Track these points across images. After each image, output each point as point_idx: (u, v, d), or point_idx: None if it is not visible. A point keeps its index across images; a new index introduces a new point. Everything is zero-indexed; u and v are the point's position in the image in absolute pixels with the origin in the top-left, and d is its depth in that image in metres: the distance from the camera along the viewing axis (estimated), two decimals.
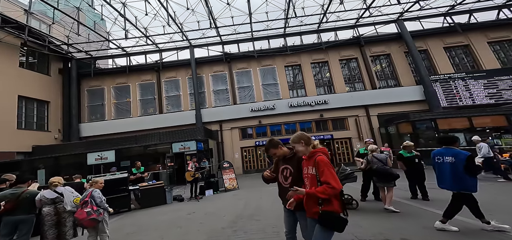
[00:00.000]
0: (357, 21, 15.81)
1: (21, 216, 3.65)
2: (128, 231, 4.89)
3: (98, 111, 15.80)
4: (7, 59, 12.05)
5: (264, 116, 14.76)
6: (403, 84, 14.87)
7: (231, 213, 5.44)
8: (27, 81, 12.93)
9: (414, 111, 13.48)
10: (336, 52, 15.97)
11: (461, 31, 14.89)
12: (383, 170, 4.54)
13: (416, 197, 5.18)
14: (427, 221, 3.84)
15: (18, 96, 12.31)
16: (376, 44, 15.90)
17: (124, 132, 14.38)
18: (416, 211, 4.42)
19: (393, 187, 4.56)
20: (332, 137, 14.47)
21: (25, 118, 12.75)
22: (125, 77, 15.90)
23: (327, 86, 15.92)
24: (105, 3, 11.52)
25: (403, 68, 15.28)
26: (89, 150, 11.51)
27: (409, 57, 15.39)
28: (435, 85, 13.75)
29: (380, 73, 15.90)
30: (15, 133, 11.85)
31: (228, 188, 8.63)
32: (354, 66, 16.16)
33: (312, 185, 1.86)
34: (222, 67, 16.02)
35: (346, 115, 14.71)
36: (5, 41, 11.81)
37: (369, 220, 4.15)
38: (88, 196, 3.66)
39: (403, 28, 15.21)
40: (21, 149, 11.97)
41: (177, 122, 14.69)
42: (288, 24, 15.37)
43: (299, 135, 2.14)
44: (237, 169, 12.64)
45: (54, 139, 13.91)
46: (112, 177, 7.06)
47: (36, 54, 13.85)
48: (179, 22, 13.81)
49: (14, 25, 11.81)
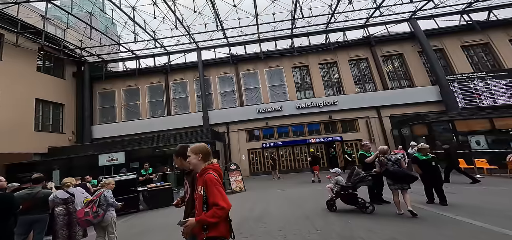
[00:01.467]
0: (367, 21, 15.42)
1: (36, 215, 3.75)
2: (135, 231, 4.92)
3: (109, 113, 16.25)
4: (26, 64, 12.64)
5: (271, 117, 14.64)
6: (417, 85, 14.32)
7: (237, 215, 5.37)
8: (44, 85, 13.49)
9: (429, 112, 12.90)
10: (345, 52, 15.65)
11: (480, 29, 14.17)
12: (401, 172, 4.30)
13: (433, 201, 4.90)
14: (445, 226, 3.61)
15: (35, 99, 12.84)
16: (387, 44, 15.43)
17: (134, 134, 14.66)
18: (433, 216, 4.18)
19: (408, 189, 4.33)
20: (342, 139, 14.13)
21: (41, 120, 13.28)
22: (135, 80, 16.29)
23: (336, 87, 15.59)
24: (116, 7, 11.88)
25: (417, 68, 14.73)
26: (101, 151, 11.79)
27: (423, 57, 14.82)
28: (452, 85, 13.15)
29: (392, 74, 15.40)
30: (33, 135, 12.36)
31: (234, 190, 8.58)
32: (364, 66, 15.75)
33: (199, 207, 1.66)
34: (229, 69, 16.08)
35: (356, 116, 14.34)
36: (24, 46, 12.40)
37: (381, 225, 3.96)
38: (96, 196, 3.70)
39: (416, 27, 14.67)
40: (38, 150, 12.45)
41: (184, 124, 14.84)
42: (295, 25, 15.23)
43: (199, 147, 1.84)
44: (244, 171, 12.57)
45: (68, 140, 14.40)
46: (122, 178, 7.18)
47: (52, 59, 14.44)
48: (187, 25, 14.00)
49: (32, 31, 12.38)
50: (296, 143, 14.43)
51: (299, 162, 14.29)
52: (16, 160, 11.04)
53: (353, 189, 4.72)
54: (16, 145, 11.35)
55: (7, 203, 2.92)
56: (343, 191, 4.80)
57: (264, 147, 14.53)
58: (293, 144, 14.47)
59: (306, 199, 6.38)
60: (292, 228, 4.13)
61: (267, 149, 14.47)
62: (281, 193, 7.82)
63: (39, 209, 3.75)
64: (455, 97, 12.89)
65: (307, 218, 4.64)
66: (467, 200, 4.96)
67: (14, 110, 11.55)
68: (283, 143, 14.47)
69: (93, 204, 3.57)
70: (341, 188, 4.83)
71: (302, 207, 5.54)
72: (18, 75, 12.06)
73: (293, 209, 5.45)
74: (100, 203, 3.62)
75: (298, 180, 10.41)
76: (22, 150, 11.59)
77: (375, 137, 13.68)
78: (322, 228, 3.99)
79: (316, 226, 4.11)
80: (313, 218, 4.59)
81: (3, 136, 10.91)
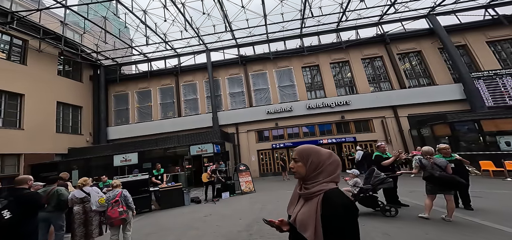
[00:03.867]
0: (381, 18, 14.86)
1: (50, 212, 3.99)
2: (148, 231, 4.99)
3: (123, 115, 16.83)
4: (48, 68, 13.37)
5: (281, 118, 14.47)
6: (438, 83, 13.56)
7: (247, 216, 5.31)
8: (64, 88, 14.22)
9: (452, 111, 12.14)
10: (358, 51, 15.17)
11: (507, 23, 13.18)
12: (450, 178, 3.87)
13: (457, 205, 4.55)
14: (470, 232, 3.34)
15: (56, 102, 13.57)
16: (404, 41, 14.77)
17: (146, 135, 15.05)
18: (457, 221, 3.89)
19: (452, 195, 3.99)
20: (355, 139, 13.67)
21: (62, 122, 13.98)
22: (147, 82, 16.76)
23: (349, 87, 15.13)
24: (128, 11, 12.29)
25: (438, 65, 13.95)
26: (115, 152, 12.21)
27: (444, 54, 14.04)
28: (477, 83, 12.31)
29: (410, 71, 14.70)
30: (54, 136, 13.03)
31: (244, 191, 8.52)
32: (379, 65, 15.18)
33: None
34: (238, 69, 16.13)
35: (370, 116, 13.82)
36: (46, 51, 13.15)
37: (398, 228, 3.74)
38: (118, 196, 3.80)
39: (435, 23, 13.91)
40: (59, 151, 13.11)
41: (194, 125, 15.04)
42: (304, 24, 14.99)
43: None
44: (253, 172, 12.51)
45: (86, 141, 15.07)
46: (134, 178, 7.36)
47: (70, 63, 15.20)
48: (196, 26, 14.19)
49: (53, 36, 13.09)
50: (308, 144, 14.11)
51: None
52: (40, 160, 11.69)
53: (373, 191, 4.49)
54: (40, 146, 12.00)
55: (35, 201, 3.13)
56: (362, 193, 4.57)
57: (274, 147, 14.38)
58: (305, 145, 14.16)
59: None
60: None
61: (277, 150, 14.30)
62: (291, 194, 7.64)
63: (53, 205, 4.00)
64: (481, 95, 12.05)
65: None
66: (496, 205, 4.57)
67: (38, 113, 12.22)
68: (293, 144, 14.25)
69: (121, 204, 3.74)
70: (360, 190, 4.60)
71: None
72: (41, 79, 12.78)
73: None
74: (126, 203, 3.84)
75: None
76: (45, 151, 12.23)
77: (392, 137, 13.11)
78: None
79: None
80: None
81: (29, 138, 11.57)
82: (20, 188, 3.09)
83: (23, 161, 11.19)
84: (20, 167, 11.12)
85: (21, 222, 2.84)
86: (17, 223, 2.78)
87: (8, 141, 10.60)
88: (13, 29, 11.45)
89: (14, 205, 2.82)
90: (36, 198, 3.20)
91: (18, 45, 12.26)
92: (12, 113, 11.46)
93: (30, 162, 11.36)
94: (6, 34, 11.66)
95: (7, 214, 2.71)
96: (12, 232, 2.82)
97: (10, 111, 11.40)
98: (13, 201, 2.85)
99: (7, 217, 2.69)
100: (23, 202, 2.94)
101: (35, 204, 3.10)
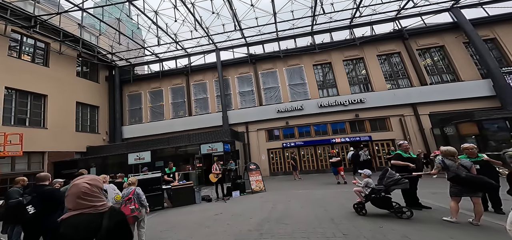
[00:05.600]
0: (398, 13, 14.18)
1: None
2: (161, 228, 5.07)
3: (136, 114, 17.39)
4: (67, 70, 14.09)
5: (292, 117, 14.26)
6: (463, 79, 12.77)
7: (257, 215, 5.24)
8: (82, 89, 14.93)
9: (480, 109, 11.41)
10: (373, 47, 14.60)
11: None
12: (478, 180, 3.58)
13: (486, 208, 4.19)
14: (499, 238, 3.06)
15: (76, 102, 14.28)
16: (424, 36, 14.03)
17: (158, 134, 15.42)
18: (485, 225, 3.59)
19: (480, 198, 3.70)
20: (371, 138, 13.18)
21: (81, 122, 14.70)
22: (159, 81, 17.18)
23: (363, 84, 14.63)
24: (140, 12, 12.64)
25: (463, 61, 13.12)
26: (130, 150, 12.62)
27: (470, 48, 13.18)
28: (508, 79, 11.51)
29: (431, 67, 13.95)
30: (74, 135, 13.72)
31: (254, 190, 8.46)
32: (397, 61, 14.54)
33: None
34: (247, 68, 16.09)
35: (387, 114, 13.27)
36: (66, 54, 13.86)
37: (419, 231, 3.53)
38: (131, 194, 3.88)
39: (460, 17, 13.08)
40: (78, 149, 13.78)
41: (205, 124, 15.20)
42: (315, 21, 14.64)
43: None
44: (263, 171, 12.42)
45: (103, 140, 15.73)
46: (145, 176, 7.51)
47: (88, 64, 15.95)
48: (205, 26, 14.31)
49: (71, 39, 13.75)
50: (318, 143, 13.86)
51: (321, 163, 13.69)
52: (61, 158, 12.35)
53: (386, 192, 4.27)
54: (62, 144, 12.65)
55: (56, 197, 3.26)
56: (374, 194, 4.36)
57: (285, 146, 14.21)
58: (315, 144, 13.91)
59: (330, 201, 5.99)
60: (315, 231, 3.87)
61: (288, 149, 14.11)
62: (303, 194, 7.50)
63: None
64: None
65: (332, 221, 4.31)
66: None
67: (59, 113, 12.90)
68: (304, 143, 14.01)
69: (134, 202, 3.78)
70: (372, 191, 4.40)
71: (326, 209, 5.20)
72: (62, 80, 13.48)
73: (316, 211, 5.14)
74: (139, 200, 3.88)
75: (320, 181, 9.93)
76: (66, 149, 12.89)
77: (411, 136, 12.52)
78: (349, 232, 3.67)
79: (342, 230, 3.78)
80: (338, 221, 4.26)
81: (52, 137, 12.23)
82: (41, 185, 3.22)
83: (47, 159, 11.87)
84: (44, 164, 11.80)
85: (43, 217, 2.96)
86: (40, 218, 2.91)
87: (34, 139, 11.23)
88: (36, 33, 12.15)
89: (37, 201, 2.96)
90: (57, 194, 3.33)
91: (41, 48, 13.00)
92: (37, 113, 12.18)
93: (53, 160, 12.03)
94: (31, 37, 12.42)
95: (31, 209, 2.84)
96: (35, 226, 2.98)
97: (35, 111, 12.12)
98: (36, 197, 2.99)
99: (31, 212, 2.83)
100: (45, 198, 3.07)
101: (56, 200, 3.22)
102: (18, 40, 11.98)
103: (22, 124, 11.40)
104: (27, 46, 12.50)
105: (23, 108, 11.66)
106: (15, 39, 11.86)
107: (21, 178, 4.55)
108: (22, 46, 12.17)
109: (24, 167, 11.09)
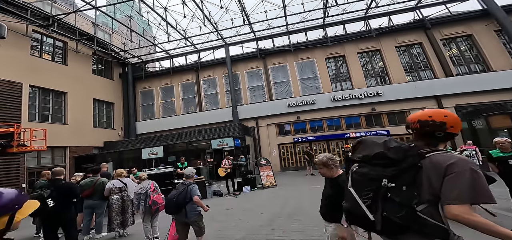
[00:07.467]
0: (419, 2, 13.28)
1: (96, 201, 4.32)
2: None
3: (149, 110, 17.85)
4: (84, 68, 14.66)
5: (303, 111, 13.97)
6: (495, 69, 11.85)
7: (269, 211, 5.18)
8: (98, 86, 15.51)
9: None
10: (391, 38, 13.86)
11: None
12: None
13: None
14: None
15: (93, 99, 14.88)
16: (449, 25, 13.11)
17: (170, 129, 15.74)
18: None
19: None
20: (389, 132, 12.62)
21: (98, 118, 15.32)
22: (169, 78, 17.46)
23: (380, 77, 14.01)
24: (150, 9, 12.82)
25: (494, 50, 12.16)
26: (143, 146, 13.00)
27: (503, 36, 12.16)
28: None
29: (458, 58, 13.06)
30: (92, 131, 14.35)
31: (265, 185, 8.40)
32: (418, 52, 13.74)
33: None
34: (257, 63, 15.90)
35: (407, 107, 12.60)
36: (82, 52, 14.41)
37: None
38: (152, 186, 3.95)
39: (490, 4, 12.02)
40: (96, 145, 14.40)
41: (215, 119, 15.29)
42: (327, 13, 14.08)
43: None
44: (274, 166, 12.29)
45: (118, 136, 16.33)
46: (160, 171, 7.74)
47: (103, 62, 16.51)
48: (214, 21, 14.24)
49: (87, 37, 14.27)
50: (331, 137, 13.51)
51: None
52: (81, 152, 12.97)
53: None
54: (81, 139, 13.26)
55: (73, 191, 3.42)
56: None
57: (296, 141, 13.99)
58: (328, 139, 13.58)
59: None
60: None
61: (299, 144, 13.89)
62: (316, 190, 7.31)
63: (98, 195, 4.30)
64: None
65: None
66: None
67: (78, 109, 13.50)
68: (316, 138, 13.70)
69: (158, 192, 3.93)
70: None
71: None
72: (79, 78, 14.04)
73: None
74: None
75: None
76: (85, 144, 13.50)
77: None
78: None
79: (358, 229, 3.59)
80: None
81: (72, 132, 12.84)
82: (58, 179, 3.35)
83: (68, 153, 12.52)
84: (66, 158, 12.46)
85: (61, 210, 3.10)
86: (58, 210, 3.04)
87: (56, 135, 11.80)
88: (54, 32, 12.68)
89: (55, 194, 3.08)
90: (73, 189, 3.49)
91: (59, 46, 13.58)
92: (58, 110, 12.82)
93: (74, 154, 12.67)
94: (50, 37, 12.99)
95: (51, 202, 2.97)
96: (54, 218, 3.14)
97: (57, 108, 12.76)
98: (54, 191, 3.11)
99: (51, 205, 2.95)
100: (63, 191, 3.20)
101: (72, 194, 3.38)
102: (39, 40, 12.58)
103: (45, 120, 12.03)
104: (47, 46, 13.10)
105: (45, 105, 12.29)
106: (36, 39, 12.44)
107: (46, 172, 4.81)
108: (43, 45, 12.78)
109: (49, 161, 11.76)
